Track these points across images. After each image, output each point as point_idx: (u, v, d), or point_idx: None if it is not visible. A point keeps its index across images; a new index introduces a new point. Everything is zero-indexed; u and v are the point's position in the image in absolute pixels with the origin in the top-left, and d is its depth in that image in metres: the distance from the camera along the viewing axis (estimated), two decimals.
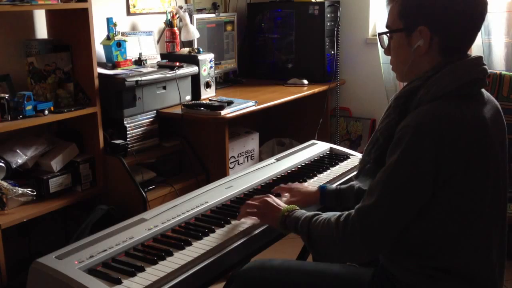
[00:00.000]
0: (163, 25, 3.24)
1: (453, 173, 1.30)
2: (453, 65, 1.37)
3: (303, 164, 2.18)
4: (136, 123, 2.72)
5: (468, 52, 1.43)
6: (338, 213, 1.43)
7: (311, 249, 1.48)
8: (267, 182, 1.99)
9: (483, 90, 1.43)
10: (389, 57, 1.51)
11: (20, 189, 2.27)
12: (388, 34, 1.47)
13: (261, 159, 3.42)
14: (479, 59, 1.41)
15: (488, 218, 1.39)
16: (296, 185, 1.88)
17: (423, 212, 1.35)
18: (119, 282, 1.32)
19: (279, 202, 1.62)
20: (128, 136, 2.67)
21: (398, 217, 1.34)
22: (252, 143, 3.40)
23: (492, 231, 1.41)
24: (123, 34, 2.87)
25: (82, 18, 2.46)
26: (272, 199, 1.64)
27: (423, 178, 1.30)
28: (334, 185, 1.85)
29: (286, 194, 1.83)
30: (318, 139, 2.74)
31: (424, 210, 1.34)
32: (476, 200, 1.35)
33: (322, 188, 1.82)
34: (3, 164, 2.24)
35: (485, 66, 1.41)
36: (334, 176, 2.06)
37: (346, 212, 1.40)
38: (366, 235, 1.35)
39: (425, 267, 1.38)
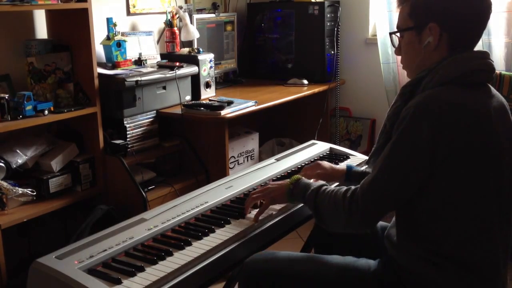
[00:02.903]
0: (163, 25, 3.24)
1: (450, 154, 1.35)
2: (458, 55, 1.43)
3: (303, 164, 2.18)
4: (136, 123, 2.72)
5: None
6: (345, 187, 1.50)
7: (316, 217, 1.57)
8: (267, 182, 1.99)
9: (490, 86, 1.49)
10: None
11: (20, 189, 2.27)
12: (398, 34, 1.54)
13: (261, 159, 3.42)
14: (484, 53, 1.48)
15: (492, 210, 1.41)
16: (324, 161, 1.97)
17: (427, 196, 1.40)
18: (119, 282, 1.32)
19: (280, 181, 1.73)
20: (128, 136, 2.67)
21: (396, 189, 1.41)
22: (252, 143, 3.40)
23: (498, 223, 1.43)
24: (123, 34, 2.87)
25: (82, 18, 2.46)
26: (272, 183, 1.75)
27: (420, 156, 1.36)
28: (360, 168, 1.95)
29: (317, 171, 1.91)
30: (318, 139, 2.75)
31: (428, 191, 1.39)
32: (477, 188, 1.39)
33: (349, 168, 1.91)
34: (3, 164, 2.24)
35: (491, 61, 1.46)
36: None
37: (353, 187, 1.48)
38: (366, 207, 1.43)
39: (430, 254, 1.41)
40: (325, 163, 1.94)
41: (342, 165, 1.98)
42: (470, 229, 1.40)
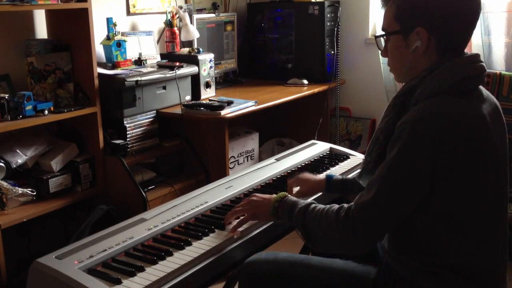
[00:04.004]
0: (163, 25, 3.24)
1: (451, 168, 1.31)
2: (450, 62, 1.38)
3: (303, 164, 2.18)
4: (136, 123, 2.72)
5: (467, 51, 1.45)
6: (336, 205, 1.44)
7: (304, 237, 1.49)
8: (267, 182, 1.99)
9: (482, 88, 1.45)
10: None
11: (20, 189, 2.27)
12: (384, 37, 1.48)
13: (261, 159, 3.42)
14: (475, 56, 1.43)
15: (491, 216, 1.39)
16: (303, 175, 1.91)
17: (426, 208, 1.36)
18: (119, 282, 1.32)
19: (266, 196, 1.63)
20: (128, 136, 2.67)
21: (396, 210, 1.35)
22: (252, 143, 3.40)
23: (496, 229, 1.42)
24: (123, 34, 2.86)
25: (82, 18, 2.46)
26: (258, 195, 1.64)
27: (421, 173, 1.31)
28: (339, 176, 1.89)
29: (297, 187, 1.87)
30: (318, 139, 2.75)
31: (427, 206, 1.35)
32: (477, 197, 1.36)
33: (328, 177, 1.86)
34: (3, 164, 2.24)
35: (482, 63, 1.42)
36: None
37: (346, 206, 1.41)
38: (366, 229, 1.37)
39: (430, 265, 1.39)
40: (305, 177, 1.88)
41: (322, 175, 1.92)
42: (471, 239, 1.37)
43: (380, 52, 1.54)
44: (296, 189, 1.87)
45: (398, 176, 1.33)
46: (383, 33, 1.48)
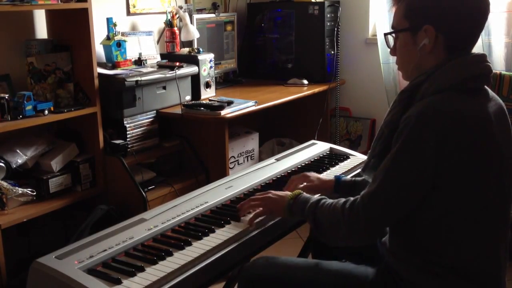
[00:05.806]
0: (163, 25, 3.24)
1: (453, 164, 1.32)
2: (457, 60, 1.40)
3: (303, 164, 2.18)
4: (136, 123, 2.72)
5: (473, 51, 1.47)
6: (343, 199, 1.47)
7: (316, 231, 1.53)
8: (267, 182, 1.99)
9: (488, 88, 1.46)
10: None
11: (20, 189, 2.27)
12: (393, 35, 1.51)
13: (261, 159, 3.42)
14: (482, 56, 1.44)
15: (493, 216, 1.40)
16: (311, 173, 1.91)
17: (428, 206, 1.37)
18: (119, 282, 1.32)
19: (282, 193, 1.66)
20: (128, 136, 2.67)
21: (398, 203, 1.38)
22: (252, 143, 3.40)
23: (498, 230, 1.42)
24: (123, 34, 2.86)
25: (82, 18, 2.46)
26: (273, 193, 1.67)
27: (423, 167, 1.33)
28: (349, 177, 1.90)
29: (304, 183, 1.85)
30: (318, 139, 2.75)
31: (429, 203, 1.36)
32: (479, 196, 1.37)
33: (337, 178, 1.86)
34: (3, 164, 2.24)
35: (489, 63, 1.44)
36: None
37: (352, 198, 1.44)
38: (369, 221, 1.39)
39: (430, 264, 1.40)
40: (313, 175, 1.87)
41: (330, 176, 1.91)
42: (472, 239, 1.38)
43: (389, 50, 1.56)
44: (301, 185, 1.85)
45: (401, 169, 1.35)
46: (392, 30, 1.50)
